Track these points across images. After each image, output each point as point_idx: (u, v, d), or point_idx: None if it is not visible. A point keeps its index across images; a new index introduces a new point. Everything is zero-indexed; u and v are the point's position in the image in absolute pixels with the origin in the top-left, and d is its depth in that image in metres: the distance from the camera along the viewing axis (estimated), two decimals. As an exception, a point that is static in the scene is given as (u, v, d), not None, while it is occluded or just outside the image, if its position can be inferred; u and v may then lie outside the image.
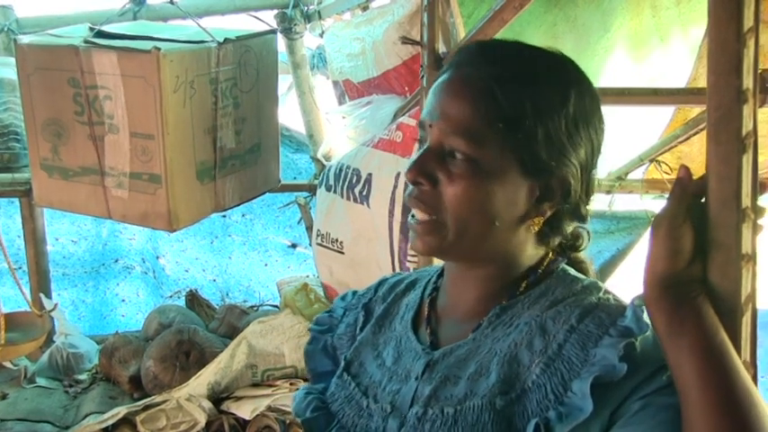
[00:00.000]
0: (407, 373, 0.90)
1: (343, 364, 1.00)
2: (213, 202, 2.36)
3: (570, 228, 0.90)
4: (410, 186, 0.86)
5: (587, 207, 0.89)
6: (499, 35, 1.71)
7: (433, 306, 0.96)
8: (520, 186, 0.83)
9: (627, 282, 3.09)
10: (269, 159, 2.57)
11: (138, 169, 2.19)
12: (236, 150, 2.39)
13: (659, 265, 0.74)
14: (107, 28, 2.32)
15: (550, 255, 0.90)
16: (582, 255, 0.94)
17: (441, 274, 0.99)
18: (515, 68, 0.83)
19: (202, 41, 2.22)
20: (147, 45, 2.07)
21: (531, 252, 0.88)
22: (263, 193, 2.67)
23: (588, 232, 0.94)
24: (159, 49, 2.03)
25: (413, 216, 0.87)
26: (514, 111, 0.80)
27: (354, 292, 1.12)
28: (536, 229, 0.86)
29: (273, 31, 2.57)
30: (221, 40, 2.24)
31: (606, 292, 0.85)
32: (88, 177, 2.31)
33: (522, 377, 0.79)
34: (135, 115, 2.14)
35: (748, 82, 0.71)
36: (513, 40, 0.87)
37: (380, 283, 1.09)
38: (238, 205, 2.58)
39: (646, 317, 0.76)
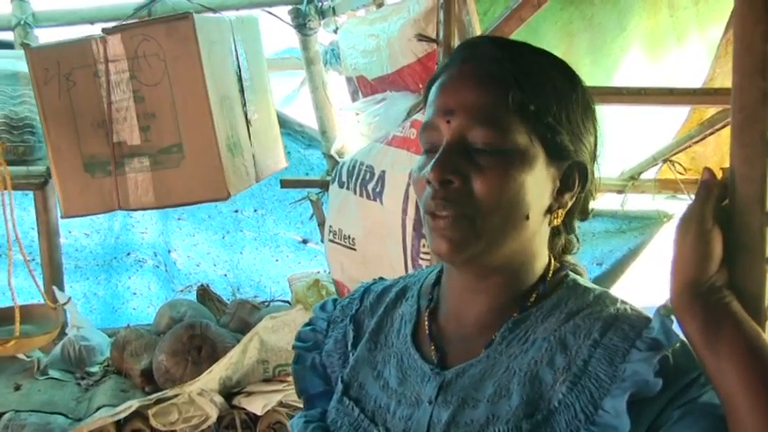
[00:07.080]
0: (417, 395, 0.85)
1: (341, 386, 0.93)
2: (114, 198, 2.28)
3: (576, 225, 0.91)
4: (428, 190, 0.80)
5: (593, 203, 0.89)
6: (515, 33, 1.70)
7: (433, 318, 0.90)
8: (546, 175, 0.81)
9: (639, 281, 3.08)
10: (201, 164, 2.26)
11: None
12: (143, 148, 2.26)
13: (689, 270, 0.72)
14: None
15: (554, 263, 0.88)
16: (574, 258, 0.93)
17: (435, 283, 0.94)
18: (531, 59, 0.82)
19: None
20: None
21: (544, 256, 0.87)
22: (200, 202, 2.42)
23: (578, 239, 0.93)
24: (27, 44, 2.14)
25: (432, 215, 0.79)
26: (540, 97, 0.80)
27: (335, 301, 1.05)
28: (558, 221, 0.85)
29: (185, 16, 2.18)
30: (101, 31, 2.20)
31: (622, 302, 0.82)
32: None
33: (547, 397, 0.76)
34: None
35: (774, 83, 0.71)
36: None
37: (365, 292, 1.02)
38: (155, 209, 2.47)
39: (674, 327, 0.73)
